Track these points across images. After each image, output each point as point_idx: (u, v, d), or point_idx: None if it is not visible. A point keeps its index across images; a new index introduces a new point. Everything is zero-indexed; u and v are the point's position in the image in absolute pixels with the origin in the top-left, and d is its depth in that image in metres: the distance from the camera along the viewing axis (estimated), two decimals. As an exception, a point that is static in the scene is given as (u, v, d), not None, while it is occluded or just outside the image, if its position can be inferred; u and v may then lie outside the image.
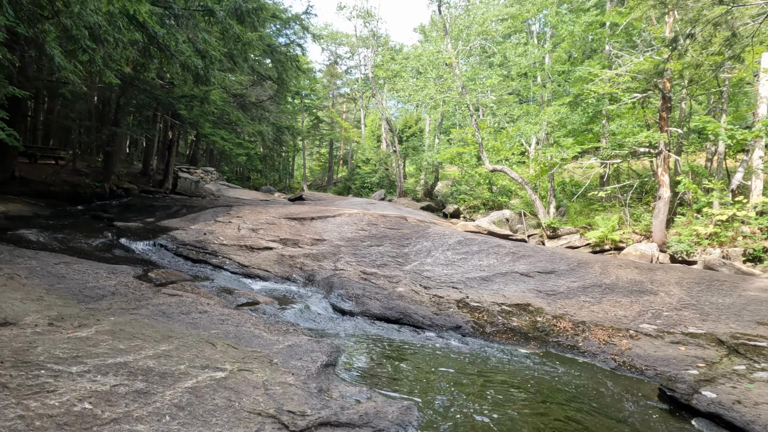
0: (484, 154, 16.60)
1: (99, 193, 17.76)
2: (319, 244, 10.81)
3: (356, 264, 9.32)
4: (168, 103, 13.03)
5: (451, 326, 6.45)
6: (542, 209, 15.77)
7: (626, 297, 6.80)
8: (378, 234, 11.43)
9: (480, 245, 9.58)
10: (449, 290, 7.74)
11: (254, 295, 7.12)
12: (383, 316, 6.94)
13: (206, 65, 9.45)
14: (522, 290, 7.47)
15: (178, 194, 21.90)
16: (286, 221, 12.65)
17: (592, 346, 5.70)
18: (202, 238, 10.69)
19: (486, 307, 6.92)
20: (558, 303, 6.94)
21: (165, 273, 7.42)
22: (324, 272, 9.05)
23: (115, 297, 5.48)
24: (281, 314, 6.47)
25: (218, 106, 13.89)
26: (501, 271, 8.25)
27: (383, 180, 34.06)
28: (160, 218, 13.45)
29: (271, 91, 27.51)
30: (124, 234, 10.26)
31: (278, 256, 9.90)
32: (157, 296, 5.78)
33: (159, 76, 17.04)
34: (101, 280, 6.10)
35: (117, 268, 6.97)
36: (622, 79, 13.10)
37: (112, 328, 4.19)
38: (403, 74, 26.91)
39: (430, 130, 30.90)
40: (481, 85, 16.15)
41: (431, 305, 7.13)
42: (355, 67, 47.02)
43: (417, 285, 8.03)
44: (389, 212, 15.68)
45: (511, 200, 24.54)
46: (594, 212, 16.58)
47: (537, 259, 8.62)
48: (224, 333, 4.77)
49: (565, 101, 14.29)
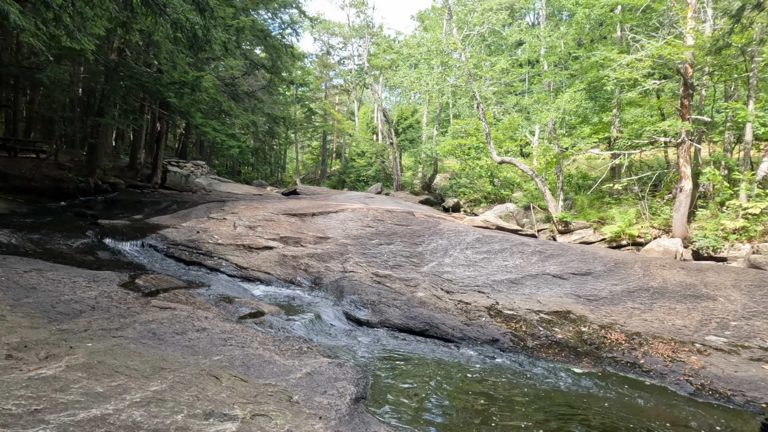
0: (491, 145, 15.78)
1: (83, 188, 16.70)
2: (324, 243, 9.93)
3: (367, 265, 8.47)
4: (156, 90, 12.02)
5: (487, 339, 5.63)
6: (553, 202, 15.01)
7: (681, 303, 6.02)
8: (386, 231, 10.58)
9: (501, 243, 8.77)
10: (475, 295, 6.92)
11: (257, 304, 6.24)
12: (406, 326, 6.11)
13: (206, 22, 8.27)
14: (558, 295, 6.67)
15: (167, 189, 20.85)
16: (286, 217, 11.76)
17: (656, 363, 4.91)
18: (195, 237, 9.78)
19: (522, 315, 6.11)
20: (602, 310, 6.15)
21: (155, 279, 6.52)
22: (332, 274, 8.20)
23: (95, 313, 4.58)
24: (290, 327, 5.61)
25: (210, 94, 12.89)
26: (530, 272, 7.45)
27: (379, 173, 33.17)
28: (149, 215, 12.50)
29: (263, 81, 26.47)
30: (109, 233, 9.31)
31: (280, 257, 9.02)
32: (145, 310, 4.89)
33: (146, 63, 16.00)
34: (80, 290, 5.18)
35: (99, 274, 6.05)
36: (642, 64, 12.29)
37: (89, 360, 3.31)
38: (400, 63, 25.95)
39: (427, 121, 30.02)
40: (491, 71, 15.29)
41: (458, 313, 6.31)
42: (348, 58, 45.95)
43: (438, 289, 7.20)
44: (393, 207, 14.83)
45: (514, 193, 23.80)
46: (606, 206, 15.85)
47: (568, 259, 7.82)
48: (229, 359, 3.90)
49: (580, 87, 13.47)
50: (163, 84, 11.92)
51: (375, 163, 33.04)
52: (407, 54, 20.68)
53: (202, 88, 11.97)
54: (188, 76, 11.82)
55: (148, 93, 12.47)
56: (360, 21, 39.81)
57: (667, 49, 11.99)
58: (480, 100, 15.66)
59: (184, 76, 11.73)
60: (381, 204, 17.04)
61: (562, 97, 13.37)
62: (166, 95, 11.94)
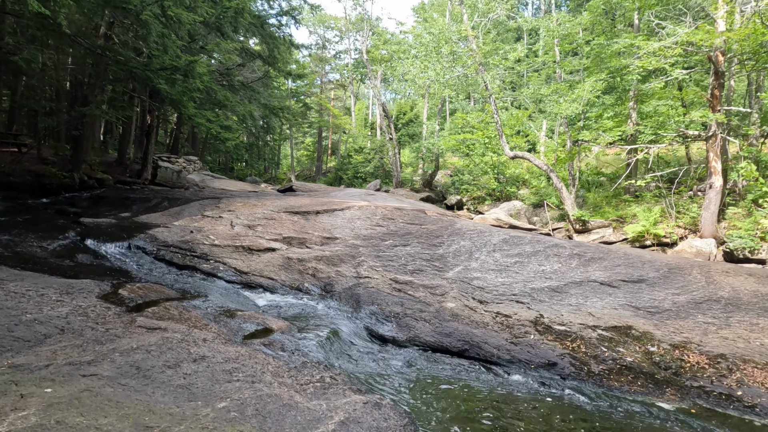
0: (503, 139, 14.86)
1: (67, 183, 15.60)
2: (331, 244, 8.98)
3: (383, 270, 7.53)
4: (145, 77, 10.96)
5: (541, 363, 4.71)
6: (569, 200, 14.14)
7: (764, 318, 5.14)
8: (399, 231, 9.65)
9: (533, 245, 7.86)
10: (514, 306, 6.00)
11: (263, 318, 5.28)
12: (440, 345, 5.18)
13: None
14: (612, 306, 5.77)
15: (158, 185, 19.79)
16: (288, 216, 10.79)
17: (759, 396, 4.03)
18: (189, 237, 8.78)
19: (576, 332, 5.20)
20: (669, 325, 5.25)
21: (142, 288, 5.53)
22: (344, 281, 7.25)
23: (63, 338, 3.61)
24: (305, 348, 4.66)
25: (204, 82, 11.86)
26: (573, 279, 6.54)
27: (378, 170, 32.20)
28: (138, 213, 11.47)
29: (259, 73, 25.39)
30: (93, 233, 8.29)
31: (284, 260, 8.06)
32: (129, 332, 3.92)
33: (135, 49, 14.92)
34: (47, 306, 4.20)
35: (75, 284, 5.07)
36: (671, 51, 11.43)
37: (43, 420, 2.35)
38: (401, 56, 24.98)
39: (428, 116, 29.07)
40: (505, 61, 14.37)
41: (500, 329, 5.39)
42: (344, 52, 44.84)
43: (470, 298, 6.28)
44: (401, 204, 13.90)
45: (520, 190, 22.97)
46: (624, 204, 15.02)
47: (612, 263, 6.93)
48: (238, 406, 2.95)
49: (601, 77, 12.58)
50: (153, 70, 10.88)
51: (374, 160, 32.06)
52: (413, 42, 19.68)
53: (196, 74, 10.94)
54: (180, 61, 10.79)
55: (138, 80, 11.42)
56: (357, 13, 38.78)
57: (698, 35, 11.13)
58: (492, 91, 14.74)
59: (176, 61, 10.69)
60: (384, 201, 16.11)
61: (582, 87, 12.50)
62: (156, 82, 10.90)
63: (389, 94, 52.42)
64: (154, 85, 11.27)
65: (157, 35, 10.83)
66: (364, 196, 18.08)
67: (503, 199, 23.14)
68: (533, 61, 15.21)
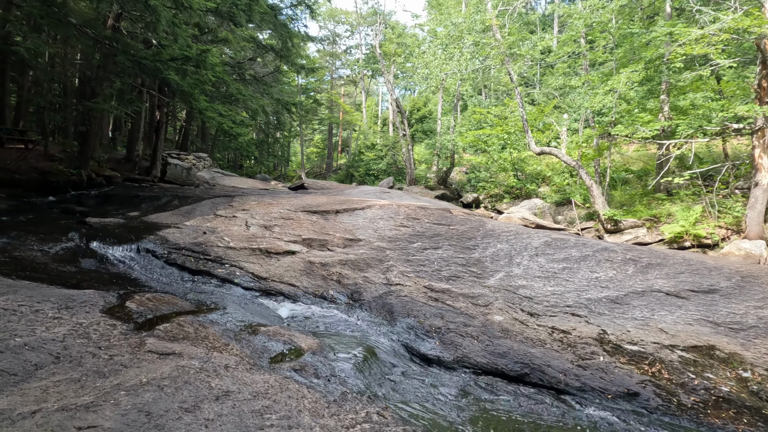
0: (529, 134, 14.10)
1: (74, 181, 15.09)
2: (355, 246, 8.31)
3: (415, 276, 6.84)
4: (155, 69, 10.33)
5: (620, 392, 4.01)
6: (600, 198, 13.37)
7: None
8: (426, 232, 8.96)
9: (580, 249, 7.13)
10: (570, 319, 5.30)
11: (289, 335, 4.62)
12: (494, 368, 4.49)
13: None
14: (685, 321, 5.04)
15: (167, 183, 19.26)
16: (306, 215, 10.13)
17: None
18: (202, 239, 8.15)
19: (652, 353, 4.49)
20: (759, 345, 4.53)
21: (152, 300, 4.89)
22: (373, 288, 6.57)
23: (58, 370, 2.97)
24: (341, 373, 4.00)
25: (216, 73, 11.22)
26: (633, 288, 5.82)
27: (390, 167, 31.48)
28: (147, 212, 10.88)
29: (270, 67, 24.78)
30: (99, 235, 7.68)
31: (305, 264, 7.39)
32: (137, 360, 3.27)
33: (145, 41, 14.33)
34: (42, 326, 3.56)
35: (76, 296, 4.43)
36: (715, 39, 10.62)
37: None
38: (417, 49, 24.22)
39: (443, 112, 28.29)
40: (533, 50, 13.61)
41: (560, 348, 4.69)
42: (355, 47, 44.15)
43: (518, 310, 5.58)
44: (424, 203, 13.21)
45: (540, 188, 22.19)
46: (657, 202, 14.22)
47: (674, 270, 6.20)
48: (277, 469, 2.28)
49: (637, 67, 11.78)
50: (163, 60, 10.25)
51: (386, 157, 31.35)
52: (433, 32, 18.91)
53: (208, 64, 10.29)
54: (192, 50, 10.15)
55: (146, 72, 10.79)
56: (368, 7, 38.04)
57: (745, 21, 10.32)
58: (516, 83, 13.97)
59: (187, 51, 10.05)
60: (399, 200, 15.44)
61: (617, 78, 11.71)
62: (166, 74, 10.27)
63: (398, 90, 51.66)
64: (163, 77, 10.64)
65: (167, 23, 10.20)
66: (378, 194, 17.41)
67: (522, 197, 22.38)
68: (561, 51, 14.45)
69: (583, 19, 12.88)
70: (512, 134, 21.37)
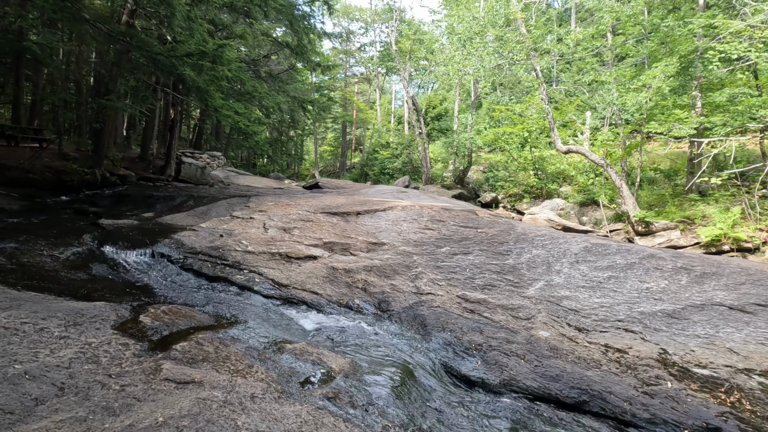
0: (555, 132, 13.53)
1: (88, 180, 14.83)
2: (379, 251, 7.86)
3: (447, 284, 6.37)
4: (170, 65, 9.97)
5: (698, 426, 3.51)
6: (631, 199, 12.77)
7: None
8: (453, 235, 8.48)
9: (624, 255, 6.61)
10: (623, 336, 4.80)
11: (317, 354, 4.19)
12: (547, 393, 4.01)
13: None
14: (757, 340, 4.52)
15: (182, 182, 18.99)
16: (325, 217, 9.72)
17: None
18: (219, 242, 7.76)
19: (726, 378, 3.98)
20: None
21: (168, 313, 4.49)
22: (402, 297, 6.12)
23: (61, 406, 2.56)
24: (379, 400, 3.55)
25: (233, 69, 10.83)
26: (691, 301, 5.30)
27: (406, 165, 30.99)
28: (162, 213, 10.55)
29: (284, 65, 24.43)
30: (112, 238, 7.32)
31: (328, 270, 6.96)
32: (152, 392, 2.86)
33: (160, 37, 14.02)
34: (46, 349, 3.17)
35: (86, 310, 4.04)
36: (759, 32, 9.99)
37: None
38: (435, 44, 23.67)
39: (460, 109, 27.71)
40: (560, 45, 13.00)
41: (619, 370, 4.20)
42: (369, 44, 43.67)
43: (564, 324, 5.09)
44: (447, 204, 12.73)
45: (561, 188, 21.57)
46: (689, 203, 13.58)
47: (733, 280, 5.66)
48: None
49: (672, 61, 11.16)
50: (178, 56, 9.88)
51: (401, 155, 30.86)
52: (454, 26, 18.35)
53: (225, 60, 9.90)
54: (208, 45, 9.76)
55: (161, 68, 10.43)
56: (383, 4, 37.53)
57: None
58: (542, 79, 13.40)
59: (204, 46, 9.67)
60: (418, 200, 14.97)
61: (651, 73, 11.10)
62: (181, 70, 9.90)
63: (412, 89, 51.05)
64: (179, 74, 10.27)
65: (183, 17, 9.84)
66: (396, 194, 16.96)
67: (543, 196, 21.79)
68: (591, 45, 13.81)
69: (614, 12, 12.25)
70: (533, 132, 20.77)
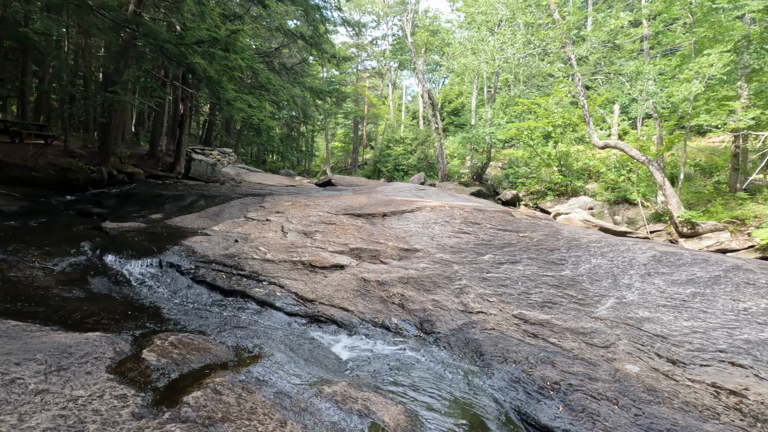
0: (590, 126, 12.58)
1: (94, 178, 14.13)
2: (413, 258, 7.01)
3: (498, 300, 5.50)
4: (179, 53, 9.16)
5: None
6: (675, 198, 11.78)
7: None
8: (493, 240, 7.61)
9: (703, 267, 5.70)
10: (732, 371, 3.91)
11: (363, 399, 3.35)
12: (661, 457, 3.13)
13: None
14: None
15: (191, 179, 18.26)
16: (349, 219, 8.88)
17: None
18: (234, 249, 6.95)
19: None
20: None
21: (178, 346, 3.66)
22: (448, 316, 5.26)
23: None
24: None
25: (245, 59, 10.00)
26: (806, 327, 4.39)
27: (421, 162, 30.07)
28: (171, 214, 9.77)
29: (297, 58, 23.60)
30: (115, 245, 6.54)
31: (358, 282, 6.12)
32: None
33: (169, 25, 13.23)
34: (13, 413, 2.35)
35: (75, 347, 3.22)
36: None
37: None
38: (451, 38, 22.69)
39: (478, 103, 26.72)
40: (600, 31, 12.01)
41: (741, 421, 3.32)
42: (381, 38, 42.69)
43: (652, 355, 4.21)
44: (477, 204, 11.86)
45: (587, 185, 20.58)
46: (737, 202, 12.59)
47: None
48: None
49: (727, 48, 10.16)
50: (188, 44, 9.07)
51: (416, 151, 29.92)
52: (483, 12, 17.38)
53: (238, 48, 9.06)
54: (220, 32, 8.93)
55: (170, 57, 9.61)
56: (396, -4, 36.54)
57: None
58: (577, 70, 12.44)
59: (215, 32, 8.83)
60: (438, 198, 14.11)
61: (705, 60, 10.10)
62: (191, 59, 9.08)
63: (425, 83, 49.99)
64: (188, 63, 9.45)
65: (193, 2, 9.01)
66: (414, 192, 16.12)
67: (567, 194, 20.82)
68: (631, 33, 12.79)
69: None
70: (558, 127, 19.78)
